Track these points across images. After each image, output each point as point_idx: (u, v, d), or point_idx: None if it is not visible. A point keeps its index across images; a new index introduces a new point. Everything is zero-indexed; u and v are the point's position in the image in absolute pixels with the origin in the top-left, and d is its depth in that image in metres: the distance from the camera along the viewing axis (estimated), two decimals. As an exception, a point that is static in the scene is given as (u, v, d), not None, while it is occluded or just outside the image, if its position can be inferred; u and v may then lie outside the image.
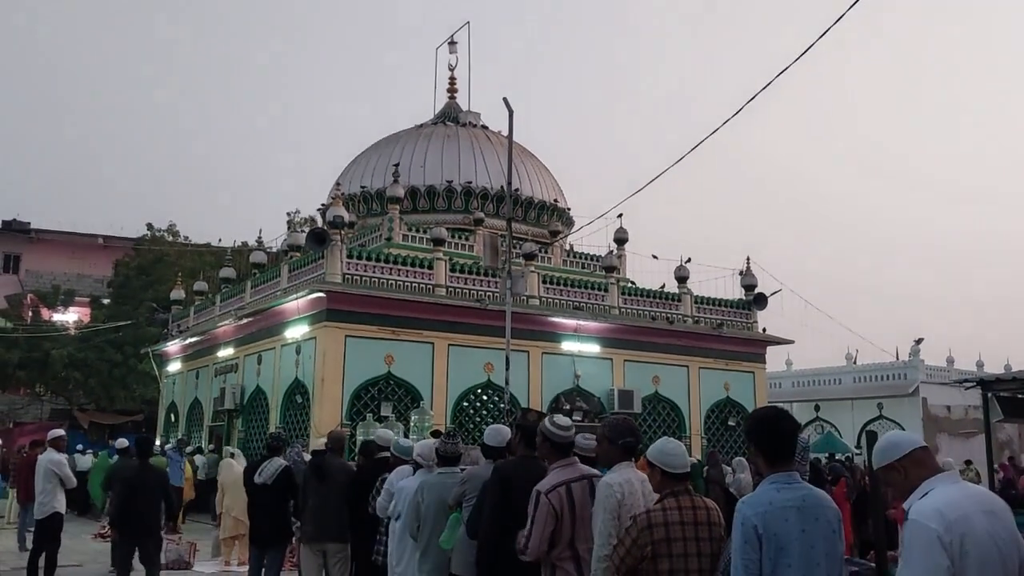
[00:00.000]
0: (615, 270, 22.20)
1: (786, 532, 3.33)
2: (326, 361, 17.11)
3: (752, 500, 3.45)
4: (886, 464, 3.29)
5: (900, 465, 3.24)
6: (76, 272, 42.82)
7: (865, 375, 33.07)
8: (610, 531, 4.26)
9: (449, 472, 6.25)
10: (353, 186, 24.29)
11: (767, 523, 3.33)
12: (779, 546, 3.31)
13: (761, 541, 3.32)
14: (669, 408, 21.49)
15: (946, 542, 2.93)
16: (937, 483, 3.13)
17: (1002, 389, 12.33)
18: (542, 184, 25.17)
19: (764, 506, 3.38)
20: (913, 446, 3.26)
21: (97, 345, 31.66)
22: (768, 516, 3.35)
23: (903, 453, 3.25)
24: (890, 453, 3.28)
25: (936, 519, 2.97)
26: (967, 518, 2.99)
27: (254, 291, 21.23)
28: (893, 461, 3.26)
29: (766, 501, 3.40)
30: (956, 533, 2.95)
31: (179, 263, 33.07)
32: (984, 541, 2.98)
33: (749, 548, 3.33)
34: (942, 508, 3.00)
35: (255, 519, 8.58)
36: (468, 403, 18.79)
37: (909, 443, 3.28)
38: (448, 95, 27.69)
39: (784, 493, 3.42)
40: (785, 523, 3.35)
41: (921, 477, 3.17)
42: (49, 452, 10.95)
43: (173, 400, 25.77)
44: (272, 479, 8.24)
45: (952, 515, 2.98)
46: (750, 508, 3.39)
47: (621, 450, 4.58)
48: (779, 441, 3.55)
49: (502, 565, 4.94)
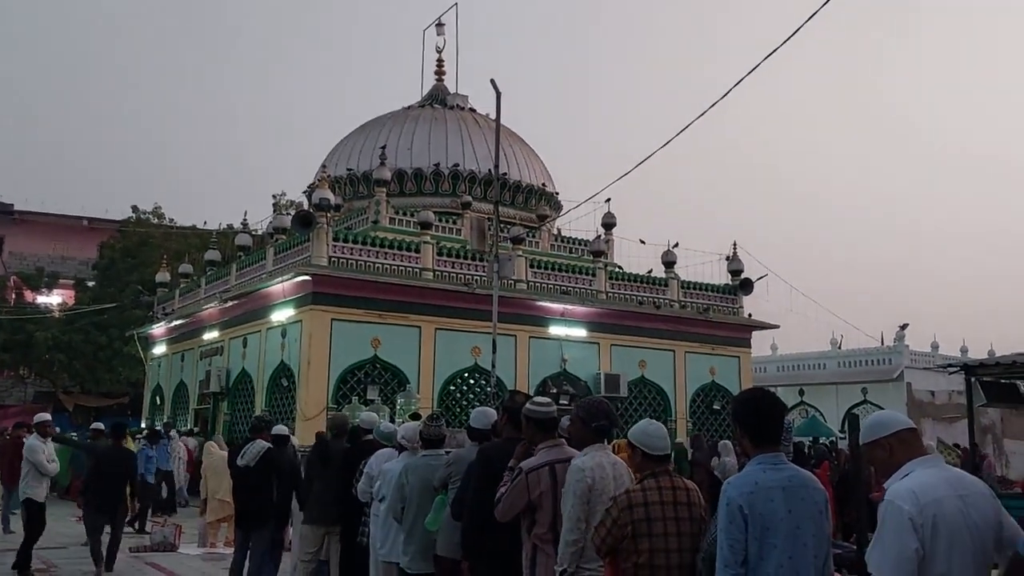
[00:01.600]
0: (603, 255, 22.21)
1: (771, 512, 3.34)
2: (312, 344, 17.07)
3: (738, 481, 3.45)
4: (872, 440, 3.31)
5: (886, 443, 3.27)
6: (60, 254, 42.57)
7: (850, 360, 33.25)
8: (579, 515, 4.27)
9: (434, 454, 6.25)
10: (339, 168, 24.17)
11: (752, 503, 3.34)
12: (764, 526, 3.32)
13: (747, 521, 3.32)
14: (655, 392, 21.56)
15: (917, 524, 2.97)
16: (918, 466, 3.16)
17: (985, 374, 12.43)
18: (530, 168, 25.11)
19: (750, 487, 3.39)
20: (901, 426, 3.29)
21: (82, 327, 31.50)
22: (754, 497, 3.35)
23: (890, 431, 3.27)
24: (877, 430, 3.30)
25: (909, 501, 3.01)
26: (940, 501, 3.03)
27: (239, 274, 21.13)
28: (880, 438, 3.29)
29: (752, 482, 3.40)
30: (928, 515, 2.99)
31: (164, 245, 32.87)
32: (955, 524, 3.02)
33: (734, 528, 3.33)
34: (917, 490, 3.04)
35: (239, 501, 8.57)
36: (455, 387, 18.79)
37: (897, 422, 3.30)
38: (436, 77, 27.55)
39: (770, 474, 3.43)
40: (770, 504, 3.35)
41: (905, 458, 3.20)
42: (33, 437, 10.83)
43: (159, 383, 25.67)
44: (255, 461, 8.23)
45: (925, 498, 3.02)
46: (735, 489, 3.39)
47: (594, 433, 4.57)
48: (765, 422, 3.56)
49: (487, 547, 4.95)
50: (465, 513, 5.21)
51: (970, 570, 3.03)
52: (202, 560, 11.65)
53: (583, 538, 4.28)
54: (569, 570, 4.26)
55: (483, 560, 5.02)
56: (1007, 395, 13.50)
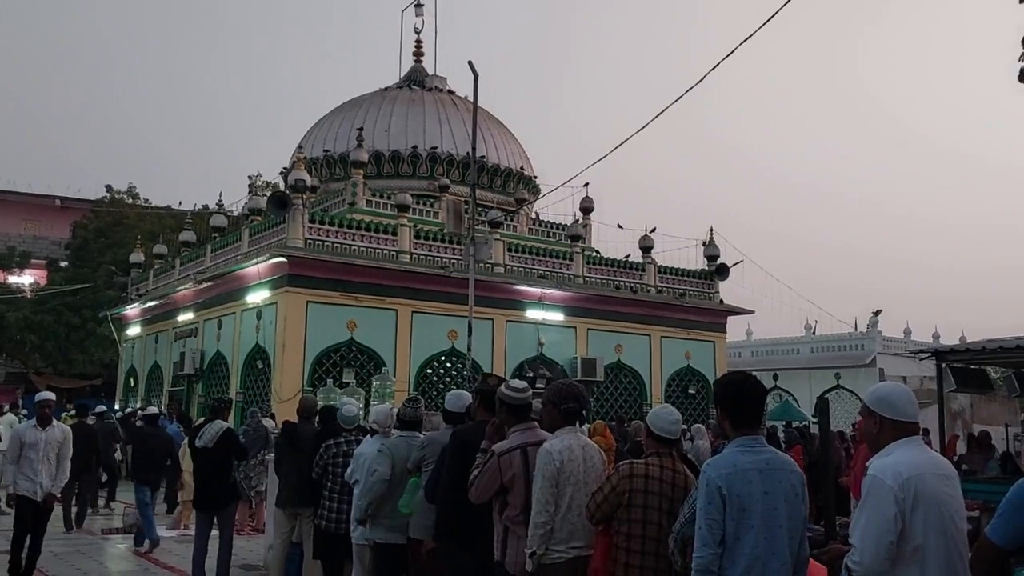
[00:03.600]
0: (580, 239, 22.22)
1: (749, 494, 3.41)
2: (287, 327, 16.98)
3: (717, 462, 3.51)
4: (871, 410, 3.38)
5: (881, 421, 3.34)
6: (32, 234, 42.09)
7: (823, 345, 33.59)
8: (548, 498, 4.32)
9: (412, 435, 6.25)
10: (316, 150, 24.00)
11: (731, 485, 3.41)
12: (742, 507, 3.39)
13: (725, 502, 3.39)
14: (631, 376, 21.66)
15: (899, 498, 3.10)
16: (902, 445, 3.27)
17: (955, 360, 12.58)
18: (508, 151, 25.05)
19: (729, 468, 3.45)
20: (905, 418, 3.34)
21: (54, 308, 31.18)
22: (732, 478, 3.42)
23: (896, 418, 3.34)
24: (883, 407, 3.36)
25: (892, 476, 3.14)
26: (922, 478, 3.16)
27: (214, 255, 20.97)
28: (881, 415, 3.34)
29: (731, 463, 3.47)
30: (909, 490, 3.12)
31: (139, 226, 32.59)
32: (933, 500, 3.15)
33: (713, 509, 3.40)
34: (900, 467, 3.17)
35: (199, 483, 8.53)
36: (432, 370, 18.78)
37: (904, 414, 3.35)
38: (414, 59, 27.39)
39: (748, 456, 3.50)
40: (748, 485, 3.42)
41: (891, 439, 3.30)
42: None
43: (132, 364, 25.46)
44: (212, 442, 8.15)
45: (908, 474, 3.14)
46: (715, 470, 3.46)
47: (564, 415, 4.60)
48: (747, 406, 3.63)
49: (460, 529, 4.96)
50: (438, 496, 5.22)
51: (945, 545, 3.15)
52: (175, 542, 11.59)
53: (552, 520, 4.33)
54: (538, 552, 4.29)
55: (455, 542, 5.04)
56: (977, 381, 13.69)
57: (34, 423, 8.66)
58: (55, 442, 8.62)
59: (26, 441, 8.46)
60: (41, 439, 8.52)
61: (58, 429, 8.68)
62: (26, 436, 8.52)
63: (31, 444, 8.46)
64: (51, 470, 8.53)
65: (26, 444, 8.43)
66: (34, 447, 8.47)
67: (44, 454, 8.49)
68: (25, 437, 8.51)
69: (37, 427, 8.58)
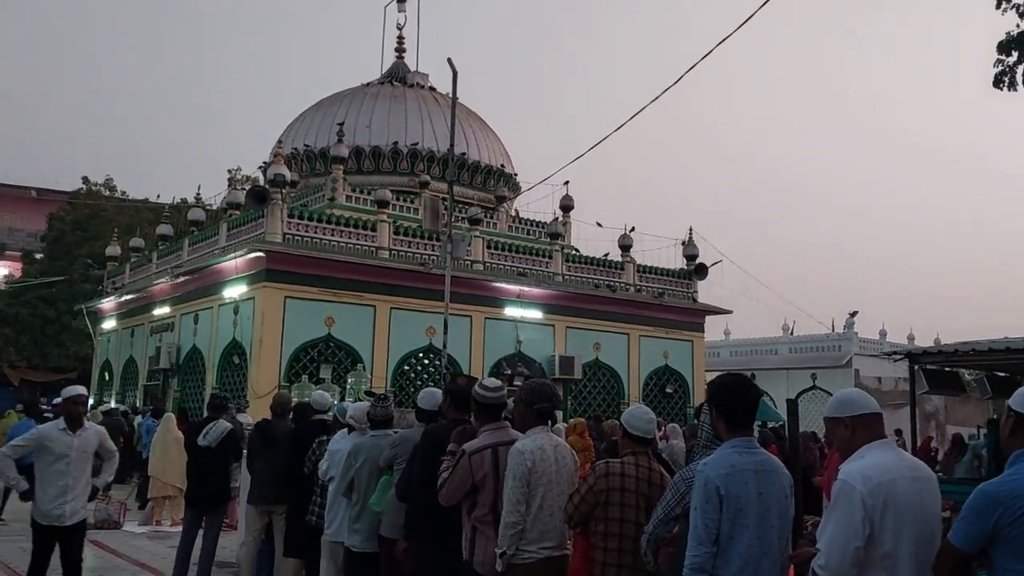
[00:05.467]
0: (560, 237, 22.23)
1: (746, 494, 3.44)
2: (265, 322, 16.88)
3: (715, 463, 3.52)
4: (836, 417, 3.40)
5: (850, 423, 3.36)
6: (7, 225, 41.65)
7: (800, 346, 33.82)
8: (519, 497, 4.32)
9: (383, 434, 6.23)
10: (296, 144, 23.87)
11: (729, 485, 3.43)
12: (739, 508, 3.42)
13: (722, 502, 3.41)
14: (609, 375, 21.71)
15: (868, 504, 3.10)
16: (874, 448, 3.28)
17: (928, 362, 12.68)
18: (489, 149, 25.02)
19: (727, 468, 3.47)
20: (868, 410, 3.38)
21: (29, 300, 30.90)
22: (730, 478, 3.44)
23: (856, 412, 3.37)
24: (844, 408, 3.40)
25: (861, 481, 3.13)
26: (893, 482, 3.16)
27: (192, 249, 20.81)
28: (844, 416, 3.38)
29: (728, 464, 3.49)
30: (879, 495, 3.11)
31: (116, 219, 32.31)
32: (904, 505, 3.15)
33: (711, 508, 3.42)
34: (870, 471, 3.16)
35: (195, 481, 8.44)
36: (409, 367, 18.73)
37: (864, 405, 3.38)
38: (396, 55, 27.31)
39: (744, 457, 3.52)
40: (745, 486, 3.45)
41: (864, 440, 3.30)
42: None
43: (108, 358, 25.24)
44: (217, 442, 8.11)
45: (878, 478, 3.14)
46: (713, 470, 3.47)
47: (536, 415, 4.60)
48: (742, 407, 3.66)
49: (430, 528, 4.94)
50: (409, 494, 5.20)
51: (916, 551, 3.15)
52: (147, 539, 11.52)
53: (523, 520, 4.32)
54: (509, 552, 4.28)
55: (426, 541, 5.02)
56: (949, 383, 13.81)
57: (62, 425, 6.67)
58: (89, 450, 6.79)
59: (54, 450, 6.55)
60: (73, 446, 6.62)
61: (92, 432, 6.86)
62: (53, 442, 6.58)
63: (60, 454, 6.55)
64: (84, 487, 6.71)
65: (53, 453, 6.54)
66: (63, 457, 6.56)
67: (76, 465, 6.61)
68: (52, 443, 6.58)
69: (66, 430, 6.64)
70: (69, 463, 6.56)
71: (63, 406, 6.86)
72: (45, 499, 6.49)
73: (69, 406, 6.78)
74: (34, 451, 6.63)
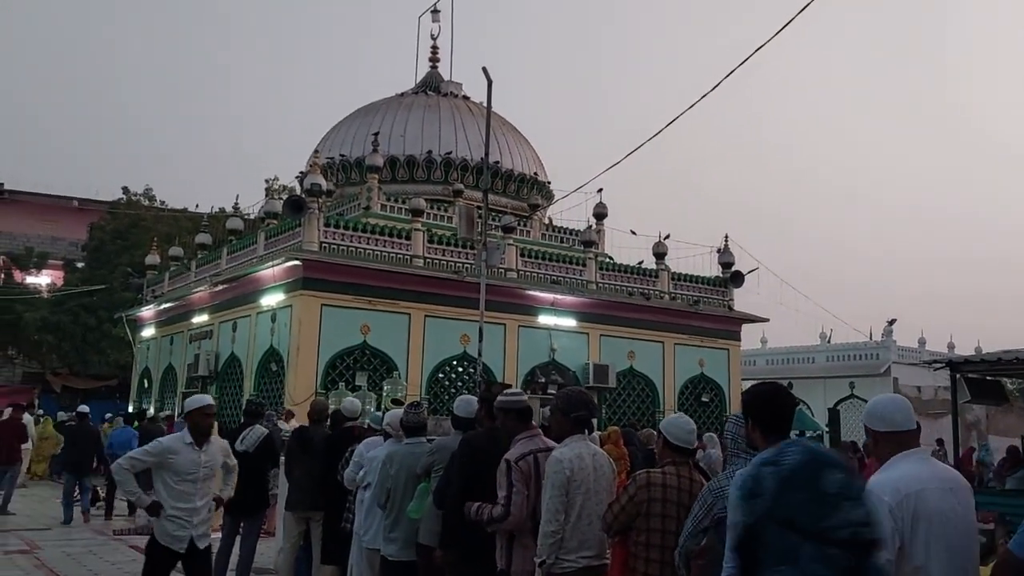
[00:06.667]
0: (593, 245, 22.19)
1: None
2: (301, 329, 17.04)
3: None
4: (867, 428, 3.37)
5: (877, 436, 3.32)
6: (50, 235, 42.37)
7: (838, 354, 33.38)
8: (558, 506, 4.31)
9: (417, 442, 6.25)
10: (332, 154, 24.12)
11: None
12: None
13: None
14: (644, 383, 21.60)
15: (897, 516, 3.05)
16: (904, 458, 3.22)
17: (970, 371, 12.47)
18: (522, 157, 25.09)
19: None
20: (895, 428, 3.31)
21: (71, 309, 31.40)
22: None
23: (881, 429, 3.31)
24: (872, 420, 3.35)
25: (889, 492, 3.08)
26: (922, 493, 3.09)
27: (230, 258, 21.07)
28: (870, 427, 3.34)
29: None
30: (908, 507, 3.06)
31: (155, 228, 32.76)
32: (936, 516, 3.08)
33: None
34: (899, 483, 3.11)
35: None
36: (443, 374, 18.79)
37: (892, 422, 3.31)
38: (430, 64, 27.49)
39: None
40: None
41: (892, 452, 3.25)
42: None
43: (147, 366, 25.60)
44: (254, 447, 8.19)
45: (907, 489, 3.09)
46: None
47: (573, 423, 4.58)
48: (777, 415, 3.60)
49: (467, 535, 4.96)
50: (447, 502, 5.22)
51: (949, 564, 3.07)
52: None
53: (562, 529, 4.31)
54: (548, 561, 4.28)
55: (461, 550, 5.03)
56: (991, 392, 13.57)
57: (188, 439, 5.99)
58: (215, 466, 6.22)
59: (179, 467, 5.90)
60: (200, 463, 5.98)
61: (217, 446, 6.26)
62: (179, 459, 5.91)
63: (186, 471, 5.91)
64: (210, 505, 6.11)
65: (178, 472, 5.89)
66: (190, 476, 5.93)
67: (204, 484, 6.02)
68: (177, 460, 5.90)
69: (193, 445, 5.97)
70: (196, 481, 5.94)
71: (190, 417, 6.10)
72: (168, 522, 5.85)
73: (198, 417, 6.08)
74: (154, 467, 5.94)
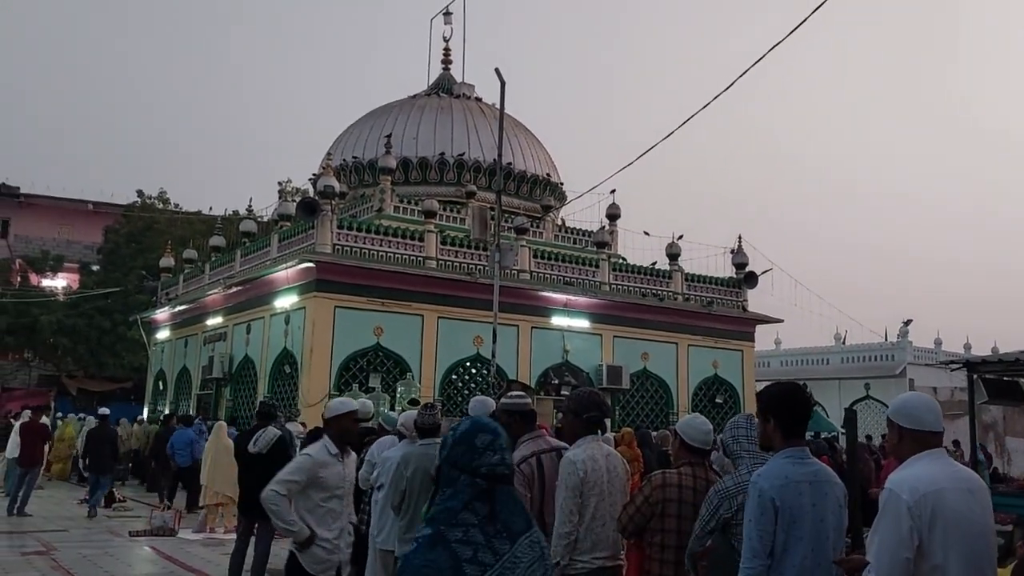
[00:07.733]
0: (606, 246, 22.16)
1: (800, 506, 3.39)
2: (315, 331, 17.08)
3: (769, 474, 3.47)
4: (892, 421, 3.32)
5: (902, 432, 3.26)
6: (65, 238, 42.62)
7: (853, 355, 33.21)
8: (571, 508, 4.29)
9: (432, 443, 6.23)
10: (345, 156, 24.18)
11: (784, 496, 3.38)
12: (792, 519, 3.37)
13: (777, 513, 3.36)
14: (657, 384, 21.55)
15: (915, 514, 3.00)
16: (923, 458, 3.17)
17: (987, 371, 12.37)
18: (535, 158, 25.08)
19: (781, 480, 3.41)
20: (924, 428, 3.24)
21: (86, 312, 31.58)
22: (785, 490, 3.39)
23: (910, 427, 3.25)
24: (901, 417, 3.28)
25: (908, 491, 3.04)
26: (941, 492, 3.05)
27: (244, 260, 21.15)
28: (897, 423, 3.28)
29: (783, 475, 3.43)
30: (926, 506, 3.02)
31: (169, 231, 32.94)
32: (954, 516, 3.04)
33: (766, 520, 3.36)
34: (917, 482, 3.07)
35: (247, 489, 8.51)
36: (456, 376, 18.80)
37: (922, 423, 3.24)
38: (442, 66, 27.52)
39: (799, 468, 3.47)
40: (799, 497, 3.40)
41: (912, 451, 3.21)
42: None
43: (161, 368, 25.73)
44: (267, 448, 8.18)
45: (925, 489, 3.04)
46: (767, 481, 3.42)
47: (586, 424, 4.56)
48: (796, 416, 3.59)
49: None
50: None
51: (967, 564, 3.03)
52: (201, 545, 11.69)
53: (576, 530, 4.29)
54: (562, 562, 4.26)
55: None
56: (1009, 393, 13.44)
57: (334, 450, 5.09)
58: (353, 479, 5.38)
59: (328, 483, 5.01)
60: (344, 476, 5.15)
61: (353, 457, 5.37)
62: (328, 474, 5.02)
63: (334, 487, 5.04)
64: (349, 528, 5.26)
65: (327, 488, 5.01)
66: (337, 491, 5.07)
67: (348, 500, 5.24)
68: (327, 475, 5.01)
69: (338, 456, 5.11)
70: (343, 497, 5.13)
71: (337, 423, 5.16)
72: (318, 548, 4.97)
73: (347, 423, 5.20)
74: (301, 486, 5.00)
